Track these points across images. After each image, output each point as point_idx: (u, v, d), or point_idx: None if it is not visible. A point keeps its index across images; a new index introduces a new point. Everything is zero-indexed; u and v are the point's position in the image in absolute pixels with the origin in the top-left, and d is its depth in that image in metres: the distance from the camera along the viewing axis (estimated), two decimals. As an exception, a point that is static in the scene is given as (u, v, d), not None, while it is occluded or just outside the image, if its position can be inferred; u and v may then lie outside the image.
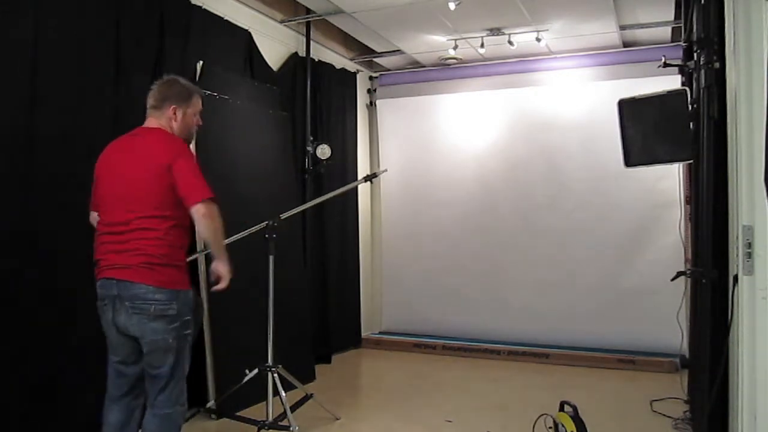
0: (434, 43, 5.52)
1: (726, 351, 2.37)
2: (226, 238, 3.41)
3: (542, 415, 3.19)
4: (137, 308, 2.39)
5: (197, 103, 2.75)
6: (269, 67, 4.84)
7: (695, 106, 3.12)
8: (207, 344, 3.79)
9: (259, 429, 3.25)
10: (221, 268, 2.60)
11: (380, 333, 6.26)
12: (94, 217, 2.64)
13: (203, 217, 2.43)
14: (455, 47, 5.50)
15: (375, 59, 6.21)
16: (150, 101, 2.64)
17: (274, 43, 4.98)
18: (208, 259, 3.81)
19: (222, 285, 2.60)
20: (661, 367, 4.96)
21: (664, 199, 5.18)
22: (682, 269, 3.68)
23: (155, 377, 2.45)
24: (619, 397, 4.33)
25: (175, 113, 2.64)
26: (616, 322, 5.35)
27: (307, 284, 4.94)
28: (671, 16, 4.92)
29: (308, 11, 5.03)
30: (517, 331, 5.68)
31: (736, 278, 2.21)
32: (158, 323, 2.40)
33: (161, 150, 2.50)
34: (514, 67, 5.95)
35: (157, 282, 2.39)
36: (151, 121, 2.63)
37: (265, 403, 3.33)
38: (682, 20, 4.03)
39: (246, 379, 3.41)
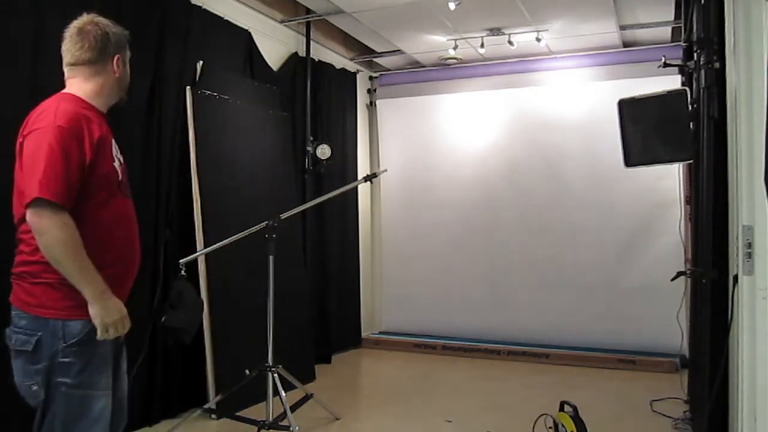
0: (434, 43, 5.51)
1: (726, 351, 2.37)
2: (229, 237, 3.44)
3: (542, 415, 3.19)
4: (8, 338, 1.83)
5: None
6: (269, 67, 4.84)
7: (695, 106, 3.12)
8: (207, 344, 3.79)
9: (259, 429, 3.25)
10: None
11: (380, 333, 6.26)
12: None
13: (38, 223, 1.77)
14: (455, 47, 5.49)
15: (375, 59, 6.21)
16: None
17: (274, 43, 4.98)
18: (209, 259, 3.84)
19: None
20: (661, 367, 4.95)
21: (664, 199, 5.18)
22: (682, 269, 3.68)
23: None
24: (619, 397, 4.32)
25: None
26: (616, 322, 5.34)
27: (307, 284, 4.94)
28: (671, 16, 4.92)
29: (308, 11, 5.03)
30: (517, 331, 5.68)
31: (736, 278, 2.20)
32: (19, 361, 1.82)
33: None
34: (514, 67, 5.95)
35: (21, 303, 1.83)
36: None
37: (265, 403, 3.33)
38: (682, 20, 4.03)
39: (246, 379, 3.41)
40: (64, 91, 2.05)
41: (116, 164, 1.99)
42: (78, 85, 2.03)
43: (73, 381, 1.78)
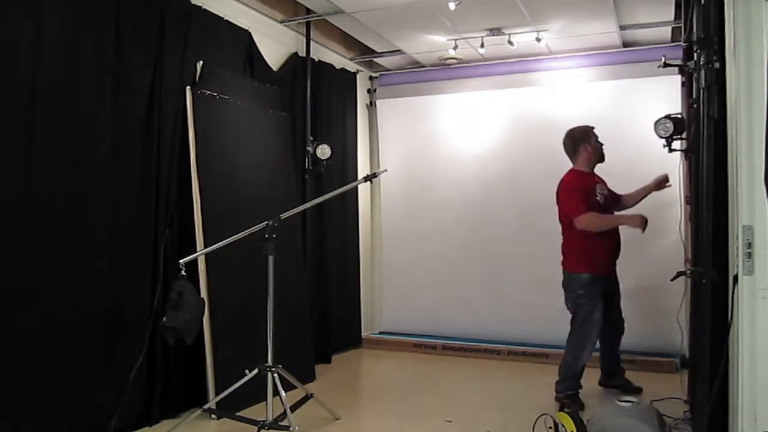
0: (434, 43, 5.51)
1: (726, 351, 2.37)
2: (229, 237, 3.44)
3: (542, 415, 3.19)
4: None
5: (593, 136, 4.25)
6: (269, 67, 4.84)
7: (695, 106, 3.12)
8: (207, 344, 3.79)
9: (259, 429, 3.25)
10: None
11: (380, 333, 6.26)
12: None
13: (580, 224, 4.00)
14: (455, 47, 5.49)
15: (375, 59, 6.21)
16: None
17: (274, 43, 4.98)
18: (209, 259, 3.84)
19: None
20: (661, 367, 4.95)
21: (664, 199, 5.17)
22: (682, 269, 3.67)
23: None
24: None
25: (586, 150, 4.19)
26: (616, 322, 5.33)
27: (307, 284, 4.93)
28: (671, 16, 4.92)
29: (308, 11, 5.03)
30: (517, 331, 5.68)
31: (736, 278, 2.20)
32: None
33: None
34: (514, 67, 5.94)
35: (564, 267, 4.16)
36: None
37: (265, 403, 3.33)
38: (682, 20, 4.03)
39: (246, 379, 3.41)
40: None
41: (598, 198, 4.11)
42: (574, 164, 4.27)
43: (586, 303, 4.08)
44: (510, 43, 5.26)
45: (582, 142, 4.21)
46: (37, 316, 2.99)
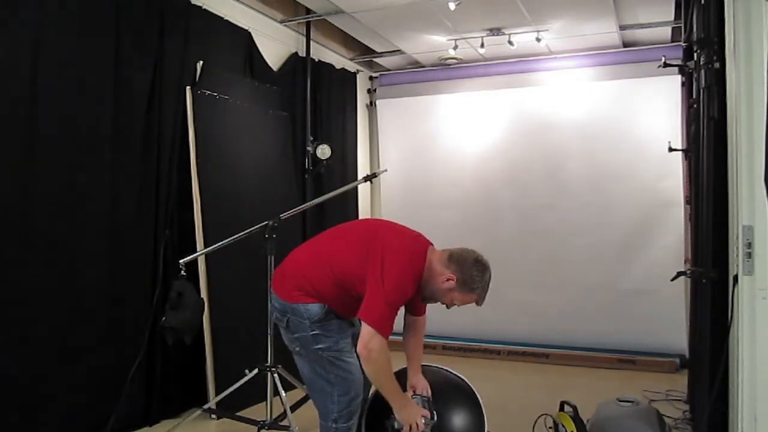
0: (434, 43, 5.51)
1: (726, 351, 2.37)
2: (229, 237, 3.43)
3: (542, 415, 3.19)
4: None
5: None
6: (269, 67, 4.84)
7: (695, 106, 3.12)
8: (207, 344, 3.79)
9: (259, 429, 3.24)
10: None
11: (380, 333, 6.25)
12: None
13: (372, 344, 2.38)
14: (455, 47, 5.49)
15: (375, 59, 6.21)
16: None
17: (274, 43, 4.98)
18: (209, 259, 3.83)
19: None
20: (661, 367, 4.95)
21: (664, 199, 5.18)
22: (682, 269, 3.68)
23: None
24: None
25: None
26: (616, 322, 5.34)
27: (307, 284, 4.92)
28: (671, 16, 4.92)
29: (308, 11, 5.03)
30: (517, 331, 5.67)
31: (736, 278, 2.20)
32: None
33: None
34: (514, 67, 5.95)
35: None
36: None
37: (265, 403, 3.33)
38: (682, 20, 4.03)
39: (246, 379, 3.40)
40: None
41: None
42: None
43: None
44: (510, 43, 5.26)
45: (462, 272, 2.56)
46: (36, 315, 2.99)
